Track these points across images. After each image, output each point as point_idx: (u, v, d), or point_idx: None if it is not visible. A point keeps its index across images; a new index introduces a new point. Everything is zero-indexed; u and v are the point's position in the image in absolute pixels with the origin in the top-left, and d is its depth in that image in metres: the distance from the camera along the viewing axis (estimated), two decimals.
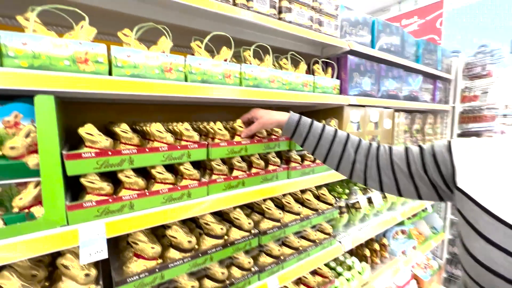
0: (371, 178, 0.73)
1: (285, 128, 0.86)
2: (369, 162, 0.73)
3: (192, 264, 0.86)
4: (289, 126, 0.85)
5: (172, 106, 1.24)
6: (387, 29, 1.58)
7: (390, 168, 0.70)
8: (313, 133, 0.81)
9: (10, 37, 0.57)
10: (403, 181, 0.68)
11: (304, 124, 0.83)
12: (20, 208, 0.60)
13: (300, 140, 0.84)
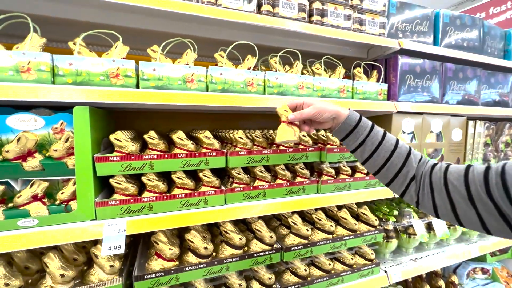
0: (424, 199, 0.61)
1: (342, 125, 0.71)
2: (422, 180, 0.62)
3: (208, 271, 0.87)
4: (348, 122, 0.71)
5: (214, 114, 1.31)
6: (457, 21, 1.31)
7: (444, 189, 0.57)
8: (371, 139, 0.69)
9: (61, 59, 0.70)
10: (462, 206, 0.53)
11: (364, 125, 0.70)
12: (61, 201, 0.72)
13: (354, 144, 0.71)
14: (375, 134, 0.69)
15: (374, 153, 0.68)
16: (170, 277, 0.82)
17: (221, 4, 0.84)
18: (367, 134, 0.69)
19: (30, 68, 0.67)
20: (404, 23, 1.20)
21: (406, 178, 0.64)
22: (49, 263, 0.74)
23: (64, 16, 0.84)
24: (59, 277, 0.73)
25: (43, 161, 0.69)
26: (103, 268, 0.79)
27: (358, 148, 0.71)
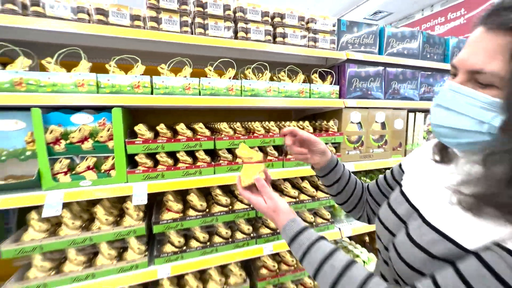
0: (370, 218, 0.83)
1: (329, 162, 0.80)
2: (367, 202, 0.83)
3: (202, 221, 1.25)
4: (333, 160, 0.81)
5: (205, 111, 1.67)
6: (399, 34, 1.65)
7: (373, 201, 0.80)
8: (344, 176, 0.82)
9: (102, 77, 1.06)
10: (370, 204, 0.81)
11: (340, 164, 0.82)
12: (105, 170, 1.09)
13: (334, 178, 0.81)
14: (347, 173, 0.83)
15: (346, 186, 0.81)
16: (176, 223, 1.20)
17: (209, 34, 1.20)
18: (342, 172, 0.82)
19: (84, 84, 1.03)
20: (353, 37, 1.55)
21: (363, 205, 0.83)
22: (97, 211, 1.12)
23: (102, 45, 1.19)
24: (105, 220, 1.11)
25: (94, 144, 1.06)
26: (132, 216, 1.17)
27: (336, 183, 0.81)
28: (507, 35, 0.43)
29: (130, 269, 1.13)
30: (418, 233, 0.52)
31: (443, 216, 0.50)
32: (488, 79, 0.45)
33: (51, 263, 1.07)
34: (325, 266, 0.55)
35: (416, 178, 0.63)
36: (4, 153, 0.99)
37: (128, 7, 1.09)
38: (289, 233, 0.63)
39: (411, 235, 0.53)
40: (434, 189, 0.56)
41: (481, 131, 0.47)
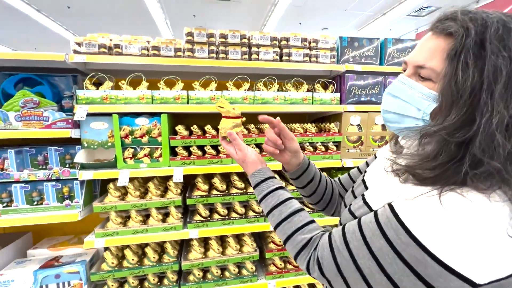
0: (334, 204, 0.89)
1: (303, 163, 0.83)
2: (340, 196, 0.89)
3: (222, 199, 1.64)
4: (305, 161, 0.84)
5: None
6: (400, 46, 1.84)
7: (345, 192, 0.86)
8: (316, 177, 0.86)
9: (155, 93, 1.53)
10: None
11: (312, 164, 0.86)
12: (155, 157, 1.56)
13: (306, 179, 0.84)
14: (318, 174, 0.86)
15: (318, 186, 0.85)
16: (203, 199, 1.62)
17: (229, 58, 1.59)
18: (314, 173, 0.85)
19: (143, 97, 1.51)
20: (354, 51, 1.79)
21: (335, 201, 0.88)
22: (150, 186, 1.60)
23: (156, 70, 1.67)
24: (155, 192, 1.58)
25: (149, 138, 1.53)
26: (172, 191, 1.62)
27: (308, 184, 0.84)
28: (447, 40, 0.50)
29: (170, 229, 1.58)
30: (355, 202, 0.64)
31: (374, 191, 0.61)
32: (427, 74, 0.53)
33: (120, 218, 1.57)
34: (274, 211, 0.67)
35: (376, 165, 0.71)
36: (96, 143, 1.52)
37: (173, 42, 1.55)
38: (254, 181, 0.73)
39: (351, 205, 0.65)
40: (381, 172, 0.62)
41: (417, 117, 0.55)
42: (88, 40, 1.43)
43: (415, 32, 7.61)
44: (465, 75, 0.46)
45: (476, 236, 0.40)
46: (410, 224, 0.45)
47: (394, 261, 0.46)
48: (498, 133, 0.43)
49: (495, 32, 0.45)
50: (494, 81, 0.44)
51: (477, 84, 0.45)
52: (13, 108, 1.39)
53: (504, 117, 0.43)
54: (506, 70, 0.43)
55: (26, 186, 1.44)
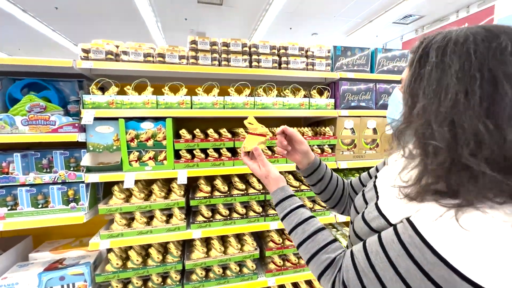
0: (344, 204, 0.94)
1: (313, 163, 0.91)
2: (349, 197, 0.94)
3: (224, 200, 1.71)
4: (315, 161, 0.92)
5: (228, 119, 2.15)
6: (389, 55, 1.98)
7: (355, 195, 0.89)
8: (327, 175, 0.93)
9: (160, 98, 1.58)
10: None
11: (323, 165, 0.94)
12: (160, 160, 1.61)
13: (316, 178, 0.92)
14: (329, 173, 0.93)
15: (328, 184, 0.92)
16: (206, 200, 1.68)
17: (231, 65, 1.67)
18: (325, 171, 0.92)
19: (149, 102, 1.56)
20: (347, 60, 1.91)
21: (345, 200, 0.94)
22: (154, 188, 1.64)
23: (161, 76, 1.73)
24: (159, 194, 1.63)
25: (154, 142, 1.59)
26: (176, 193, 1.67)
27: (319, 182, 0.91)
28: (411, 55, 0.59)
29: (174, 230, 1.63)
30: (368, 211, 0.63)
31: (388, 201, 0.60)
32: (403, 84, 0.62)
33: (125, 220, 1.61)
34: (297, 229, 0.69)
35: (388, 169, 0.72)
36: (101, 147, 1.56)
37: (178, 50, 1.61)
38: (276, 198, 0.77)
39: (364, 212, 0.64)
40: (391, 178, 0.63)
41: (397, 118, 0.61)
42: (96, 47, 1.48)
43: (401, 38, 7.95)
44: (409, 79, 0.56)
45: (503, 253, 0.40)
46: (435, 242, 0.45)
47: (422, 282, 0.45)
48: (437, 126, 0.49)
49: (435, 44, 0.52)
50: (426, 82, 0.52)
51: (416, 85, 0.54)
52: (20, 113, 1.41)
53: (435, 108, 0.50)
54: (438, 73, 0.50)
55: (32, 189, 1.46)
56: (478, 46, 0.47)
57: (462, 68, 0.47)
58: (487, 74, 0.45)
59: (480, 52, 0.46)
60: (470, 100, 0.46)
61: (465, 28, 0.51)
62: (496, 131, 0.44)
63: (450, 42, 0.50)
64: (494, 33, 0.47)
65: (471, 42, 0.48)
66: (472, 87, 0.46)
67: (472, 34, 0.49)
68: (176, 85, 1.67)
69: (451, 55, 0.49)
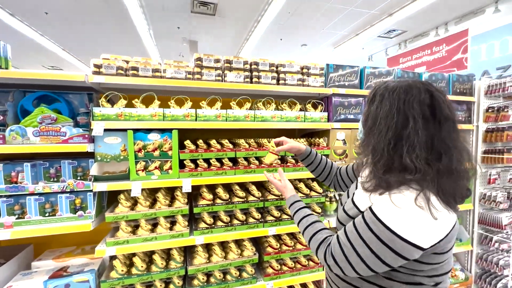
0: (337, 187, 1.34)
1: (304, 153, 1.35)
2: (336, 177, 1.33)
3: (226, 207, 1.81)
4: (305, 152, 1.35)
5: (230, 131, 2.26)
6: (376, 72, 2.17)
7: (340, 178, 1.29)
8: (316, 160, 1.35)
9: (166, 111, 1.68)
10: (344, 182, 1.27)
11: (313, 153, 1.36)
12: (165, 170, 1.69)
13: (308, 161, 1.35)
14: (318, 158, 1.35)
15: (318, 166, 1.34)
16: (208, 207, 1.77)
17: (227, 80, 1.79)
18: (314, 157, 1.34)
19: (156, 115, 1.65)
20: (339, 76, 2.08)
21: (331, 178, 1.34)
22: (159, 196, 1.72)
23: (167, 89, 1.82)
24: (163, 202, 1.70)
25: (160, 152, 1.67)
26: (180, 200, 1.75)
27: (311, 164, 1.35)
28: None
29: (178, 236, 1.71)
30: (347, 203, 0.92)
31: (359, 196, 0.88)
32: None
33: (130, 227, 1.67)
34: (303, 220, 1.00)
35: None
36: (109, 157, 1.62)
37: (184, 65, 1.72)
38: (290, 201, 1.11)
39: (344, 205, 0.94)
40: None
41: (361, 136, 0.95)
42: (107, 63, 1.56)
43: (385, 51, 8.38)
44: (365, 113, 0.89)
45: (414, 216, 0.69)
46: (382, 217, 0.72)
47: (377, 244, 0.72)
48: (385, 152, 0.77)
49: (379, 91, 0.83)
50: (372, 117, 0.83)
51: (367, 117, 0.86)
52: (32, 124, 1.46)
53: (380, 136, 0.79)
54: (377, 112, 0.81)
55: (40, 198, 1.50)
56: (400, 96, 0.77)
57: (388, 110, 0.78)
58: (401, 113, 0.76)
59: (400, 100, 0.77)
60: (388, 131, 0.76)
61: (398, 82, 0.82)
62: (398, 151, 0.75)
63: (386, 91, 0.81)
64: (411, 87, 0.77)
65: (397, 93, 0.78)
66: (391, 121, 0.76)
67: (399, 87, 0.79)
68: (181, 98, 1.77)
69: (385, 100, 0.80)
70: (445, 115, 0.76)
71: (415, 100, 0.75)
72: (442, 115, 0.75)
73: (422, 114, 0.75)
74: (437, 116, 0.75)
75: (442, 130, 0.75)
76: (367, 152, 0.84)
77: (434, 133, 0.74)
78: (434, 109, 0.76)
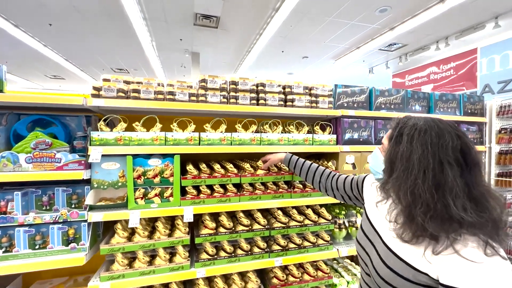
0: (326, 190, 1.35)
1: (284, 162, 1.58)
2: (326, 183, 1.33)
3: (229, 236, 1.69)
4: (285, 160, 1.56)
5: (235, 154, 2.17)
6: (385, 93, 2.10)
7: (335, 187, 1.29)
8: (298, 164, 1.49)
9: (168, 134, 1.59)
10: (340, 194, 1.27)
11: (293, 160, 1.52)
12: (166, 197, 1.59)
13: (292, 167, 1.52)
14: (298, 162, 1.49)
15: (301, 170, 1.46)
16: (211, 237, 1.66)
17: (239, 103, 1.72)
18: (295, 164, 1.50)
19: (157, 139, 1.56)
20: (347, 97, 2.01)
21: (317, 181, 1.37)
22: (158, 225, 1.61)
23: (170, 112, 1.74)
24: (163, 232, 1.59)
25: (161, 179, 1.57)
26: (181, 230, 1.64)
27: (294, 169, 1.51)
28: (390, 130, 0.88)
29: (178, 269, 1.59)
30: (385, 255, 0.81)
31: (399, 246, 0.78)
32: (384, 148, 0.92)
33: (126, 259, 1.55)
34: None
35: (374, 208, 0.96)
36: (106, 183, 1.52)
37: (188, 87, 1.64)
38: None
39: (382, 257, 0.82)
40: (384, 220, 0.87)
41: (380, 172, 0.93)
42: (107, 85, 1.48)
43: (386, 64, 8.39)
44: (389, 151, 0.83)
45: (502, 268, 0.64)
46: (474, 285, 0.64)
47: None
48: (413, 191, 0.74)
49: (406, 130, 0.79)
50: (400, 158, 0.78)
51: (393, 157, 0.81)
52: (25, 150, 1.37)
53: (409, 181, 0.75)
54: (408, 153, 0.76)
55: (30, 230, 1.39)
56: (432, 139, 0.74)
57: (422, 153, 0.74)
58: (436, 159, 0.72)
59: (433, 144, 0.74)
60: (425, 178, 0.72)
61: (424, 121, 0.79)
62: (440, 199, 0.70)
63: (415, 131, 0.77)
64: (442, 132, 0.75)
65: (428, 135, 0.75)
66: (427, 166, 0.72)
67: (429, 129, 0.76)
68: (184, 120, 1.69)
69: (416, 142, 0.76)
70: (475, 161, 0.75)
71: (449, 146, 0.73)
72: (472, 161, 0.74)
73: (456, 160, 0.72)
74: (468, 162, 0.74)
75: (473, 176, 0.73)
76: (397, 194, 0.79)
77: (468, 180, 0.72)
78: (465, 155, 0.74)
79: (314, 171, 1.42)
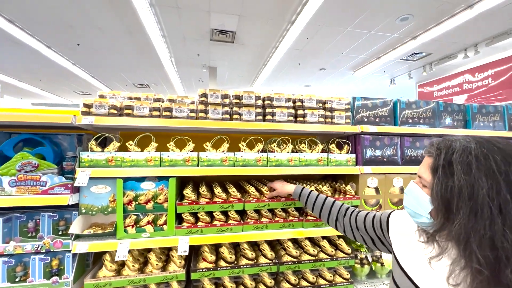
0: (345, 231, 1.14)
1: (294, 196, 1.39)
2: (345, 220, 1.14)
3: (231, 272, 1.47)
4: (295, 195, 1.37)
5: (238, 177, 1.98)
6: (413, 105, 1.83)
7: (355, 226, 1.08)
8: (310, 200, 1.30)
9: (164, 154, 1.44)
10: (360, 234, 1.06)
11: (304, 194, 1.33)
12: (159, 225, 1.42)
13: (303, 202, 1.33)
14: (311, 197, 1.30)
15: (313, 207, 1.28)
16: (210, 272, 1.45)
17: (243, 119, 1.54)
18: (307, 199, 1.31)
19: (152, 159, 1.41)
20: (368, 110, 1.76)
21: (333, 219, 1.19)
22: (151, 257, 1.43)
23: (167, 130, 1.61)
24: (155, 265, 1.41)
25: (154, 204, 1.41)
26: (175, 263, 1.45)
27: (306, 204, 1.32)
28: (431, 159, 0.73)
29: None
30: None
31: None
32: (425, 183, 0.74)
33: None
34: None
35: (409, 254, 0.80)
36: (95, 209, 1.38)
37: (186, 103, 1.50)
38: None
39: None
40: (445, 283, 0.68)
41: (423, 215, 0.73)
42: (99, 101, 1.37)
43: (409, 74, 7.94)
44: (438, 187, 0.66)
45: None
46: None
47: None
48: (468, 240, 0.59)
49: (457, 158, 0.65)
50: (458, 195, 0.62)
51: (447, 195, 0.64)
52: (9, 172, 1.27)
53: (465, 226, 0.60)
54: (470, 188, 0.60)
55: (10, 261, 1.26)
56: (500, 167, 0.59)
57: (492, 188, 0.58)
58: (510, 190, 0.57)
59: (501, 172, 0.59)
60: (506, 219, 0.56)
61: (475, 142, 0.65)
62: None
63: (471, 157, 0.62)
64: (508, 154, 0.61)
65: (492, 161, 0.60)
66: (506, 207, 0.56)
67: (489, 151, 0.62)
68: (183, 139, 1.54)
69: (475, 171, 0.61)
70: None
71: None
72: None
73: None
74: None
75: None
76: (464, 246, 0.61)
77: None
78: None
79: (329, 207, 1.22)
